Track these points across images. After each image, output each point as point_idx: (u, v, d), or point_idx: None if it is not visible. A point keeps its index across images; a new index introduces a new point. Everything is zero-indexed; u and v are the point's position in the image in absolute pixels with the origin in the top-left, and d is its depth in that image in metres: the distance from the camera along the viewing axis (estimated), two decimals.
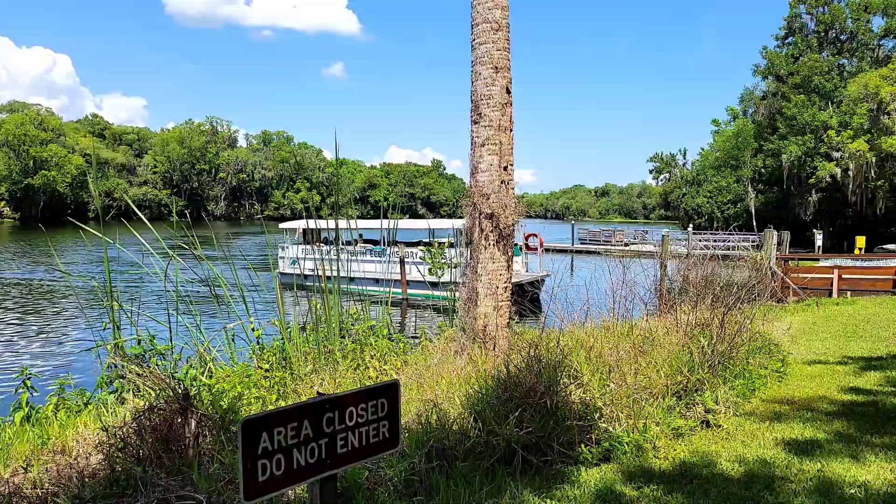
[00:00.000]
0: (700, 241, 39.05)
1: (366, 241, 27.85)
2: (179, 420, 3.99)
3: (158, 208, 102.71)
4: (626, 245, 46.11)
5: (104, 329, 6.61)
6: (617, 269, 8.39)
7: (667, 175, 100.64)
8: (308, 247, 26.25)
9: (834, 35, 56.24)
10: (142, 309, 7.37)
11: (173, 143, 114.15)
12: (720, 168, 68.11)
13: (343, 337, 7.43)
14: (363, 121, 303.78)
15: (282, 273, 25.10)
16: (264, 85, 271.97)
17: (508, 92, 7.02)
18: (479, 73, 6.92)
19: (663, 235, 21.32)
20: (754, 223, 57.21)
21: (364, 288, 11.66)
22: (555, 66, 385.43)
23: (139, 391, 5.27)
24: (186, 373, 5.73)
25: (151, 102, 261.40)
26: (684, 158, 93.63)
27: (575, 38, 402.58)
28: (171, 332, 6.45)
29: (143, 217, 7.17)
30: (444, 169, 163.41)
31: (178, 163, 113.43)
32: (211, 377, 5.96)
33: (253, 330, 6.93)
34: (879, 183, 42.31)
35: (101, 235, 6.83)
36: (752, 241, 31.44)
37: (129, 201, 7.92)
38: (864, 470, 4.62)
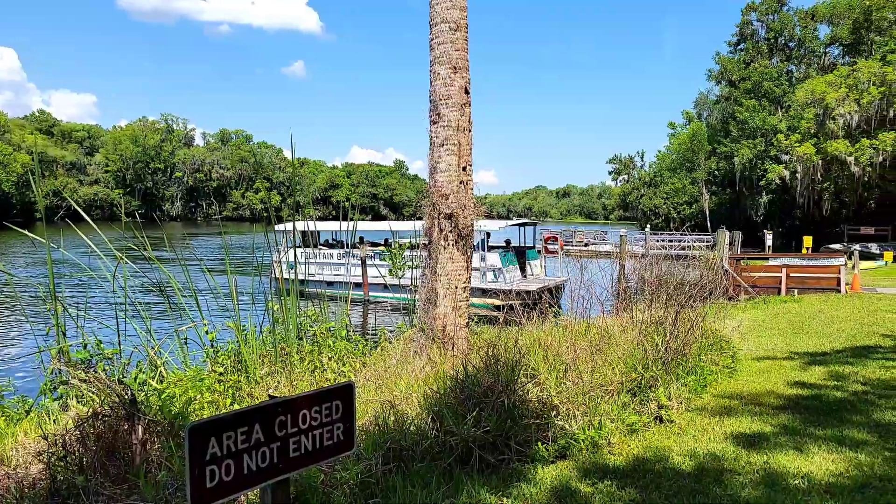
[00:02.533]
0: (657, 241, 39.89)
1: (372, 244, 25.84)
2: (126, 426, 3.87)
3: (111, 208, 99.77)
4: (586, 245, 46.77)
5: (48, 334, 6.37)
6: (576, 269, 8.50)
7: (625, 177, 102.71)
8: (308, 250, 25.20)
9: (783, 42, 58.22)
10: (90, 313, 7.12)
11: (126, 142, 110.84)
12: (676, 170, 69.86)
13: (301, 339, 7.33)
14: (324, 120, 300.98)
15: (278, 279, 23.95)
16: (222, 82, 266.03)
17: (467, 92, 7.04)
18: (438, 73, 6.92)
19: (621, 236, 21.79)
20: (708, 224, 58.77)
21: (378, 295, 11.04)
22: (516, 67, 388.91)
23: (84, 398, 5.09)
24: (135, 378, 5.56)
25: (102, 99, 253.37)
26: (642, 160, 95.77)
27: (536, 41, 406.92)
28: (119, 335, 6.25)
29: (87, 218, 6.92)
30: (407, 169, 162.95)
31: (132, 161, 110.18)
32: (162, 382, 5.80)
33: (207, 333, 6.77)
34: (825, 185, 43.91)
35: (32, 237, 6.57)
36: (707, 241, 32.31)
37: (73, 202, 7.60)
38: (807, 461, 4.78)
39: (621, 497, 4.19)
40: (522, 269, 23.15)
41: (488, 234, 22.65)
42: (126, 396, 3.99)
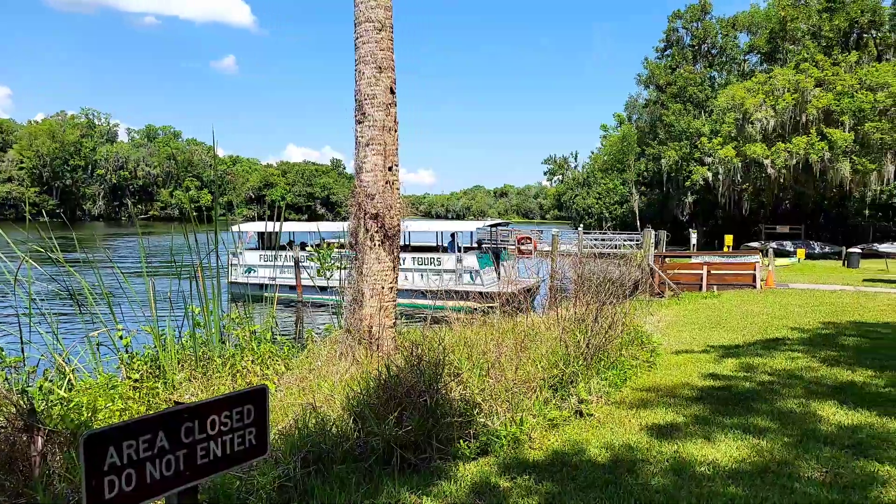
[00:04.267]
0: (591, 240, 40.94)
1: (341, 247, 25.19)
2: (24, 438, 3.67)
3: (26, 208, 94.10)
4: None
5: None
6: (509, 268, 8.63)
7: (560, 177, 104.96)
8: (268, 253, 24.25)
9: (706, 49, 60.93)
10: None
11: (43, 137, 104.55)
12: (608, 171, 71.89)
13: (223, 342, 7.14)
14: (258, 118, 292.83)
15: (234, 283, 23.00)
16: (148, 77, 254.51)
17: (392, 92, 7.03)
18: (363, 73, 6.89)
19: (553, 235, 22.28)
20: (638, 223, 60.79)
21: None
22: (453, 69, 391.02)
23: None
24: (40, 387, 5.27)
25: (17, 92, 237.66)
26: (576, 161, 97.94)
27: (474, 42, 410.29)
28: (22, 342, 5.90)
29: None
30: (344, 168, 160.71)
31: (49, 158, 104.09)
32: (71, 390, 5.54)
33: (121, 338, 6.50)
34: (745, 186, 46.24)
35: None
36: (636, 240, 33.45)
37: None
38: (714, 449, 5.03)
39: (538, 490, 4.29)
40: (497, 271, 23.27)
41: (453, 235, 22.81)
42: (24, 406, 3.78)
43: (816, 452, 4.92)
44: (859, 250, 29.49)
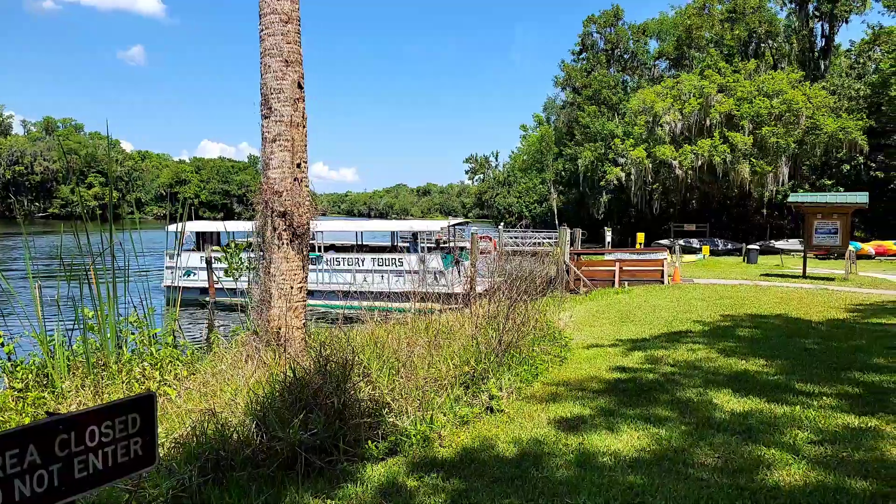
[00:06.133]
0: (511, 238, 41.68)
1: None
2: None
3: None
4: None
5: None
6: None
7: (481, 176, 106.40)
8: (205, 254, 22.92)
9: (619, 53, 63.41)
10: None
11: None
12: (527, 170, 73.59)
13: (120, 347, 6.74)
14: (170, 111, 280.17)
15: (170, 287, 21.47)
16: (47, 65, 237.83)
17: (300, 87, 6.85)
18: (269, 66, 6.67)
19: (472, 234, 22.55)
20: (556, 221, 62.55)
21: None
22: (376, 66, 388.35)
23: None
24: None
25: None
26: (496, 160, 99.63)
27: (396, 41, 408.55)
28: None
29: None
30: None
31: None
32: None
33: (2, 345, 6.00)
34: (655, 186, 48.51)
35: None
36: (555, 238, 34.36)
37: None
38: (617, 440, 5.20)
39: (445, 488, 4.29)
40: (458, 271, 23.10)
41: (415, 235, 22.74)
42: None
43: (710, 439, 5.17)
44: (758, 247, 31.50)
